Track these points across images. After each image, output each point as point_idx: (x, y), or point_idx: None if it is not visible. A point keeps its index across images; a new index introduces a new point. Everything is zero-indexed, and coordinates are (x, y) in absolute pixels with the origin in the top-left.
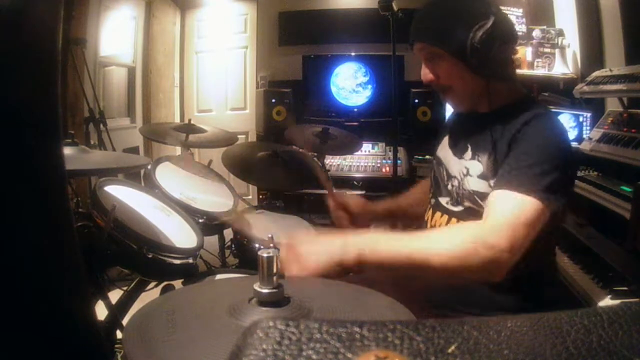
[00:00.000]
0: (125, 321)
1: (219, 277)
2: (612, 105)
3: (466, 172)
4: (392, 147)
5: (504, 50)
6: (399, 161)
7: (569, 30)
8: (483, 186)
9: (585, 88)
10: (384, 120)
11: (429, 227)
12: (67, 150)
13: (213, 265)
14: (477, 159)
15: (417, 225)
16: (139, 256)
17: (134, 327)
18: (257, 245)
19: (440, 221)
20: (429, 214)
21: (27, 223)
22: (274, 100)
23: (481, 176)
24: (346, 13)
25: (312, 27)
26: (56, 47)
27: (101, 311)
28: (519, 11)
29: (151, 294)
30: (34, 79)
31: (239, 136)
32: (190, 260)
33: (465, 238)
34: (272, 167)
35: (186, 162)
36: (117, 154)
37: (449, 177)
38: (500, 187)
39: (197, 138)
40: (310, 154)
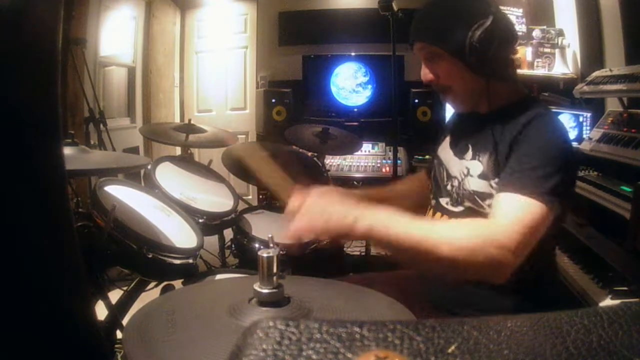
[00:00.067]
0: (125, 321)
1: (219, 277)
2: (612, 105)
3: (467, 172)
4: (392, 147)
5: (503, 49)
6: (399, 161)
7: (569, 30)
8: (483, 186)
9: (585, 88)
10: (384, 120)
11: None
12: (67, 150)
13: (213, 265)
14: (478, 159)
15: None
16: (139, 256)
17: (134, 327)
18: (257, 246)
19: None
20: (429, 215)
21: (27, 223)
22: (274, 100)
23: (481, 176)
24: (346, 13)
25: (312, 27)
26: (56, 47)
27: (101, 311)
28: (519, 11)
29: (151, 294)
30: (34, 79)
31: (239, 136)
32: (190, 260)
33: (476, 233)
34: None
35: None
36: (117, 154)
37: (449, 177)
38: (504, 189)
39: (197, 138)
40: (310, 154)
